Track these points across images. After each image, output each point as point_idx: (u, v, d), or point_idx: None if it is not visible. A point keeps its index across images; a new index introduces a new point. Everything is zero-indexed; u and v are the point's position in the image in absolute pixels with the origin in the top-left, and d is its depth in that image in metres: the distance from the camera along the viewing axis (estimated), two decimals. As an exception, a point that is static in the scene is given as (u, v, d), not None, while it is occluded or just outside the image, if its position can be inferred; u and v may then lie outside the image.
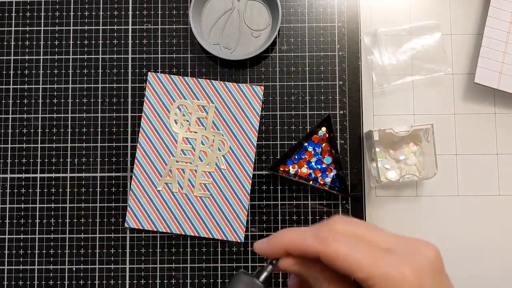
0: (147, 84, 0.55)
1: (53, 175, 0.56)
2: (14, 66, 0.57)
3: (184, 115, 0.55)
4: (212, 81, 0.55)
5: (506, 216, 0.57)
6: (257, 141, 0.56)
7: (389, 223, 0.57)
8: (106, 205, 0.55)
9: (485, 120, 0.58)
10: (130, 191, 0.55)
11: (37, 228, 0.55)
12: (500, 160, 0.57)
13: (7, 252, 0.55)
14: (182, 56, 0.57)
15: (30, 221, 0.55)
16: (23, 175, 0.56)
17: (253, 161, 0.55)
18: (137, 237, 0.55)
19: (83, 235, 0.55)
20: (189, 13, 0.54)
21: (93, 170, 0.56)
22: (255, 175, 0.55)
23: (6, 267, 0.54)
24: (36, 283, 0.54)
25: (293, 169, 0.55)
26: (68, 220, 0.55)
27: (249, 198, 0.55)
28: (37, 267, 0.55)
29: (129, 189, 0.55)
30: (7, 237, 0.55)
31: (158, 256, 0.55)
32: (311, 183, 0.54)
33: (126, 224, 0.54)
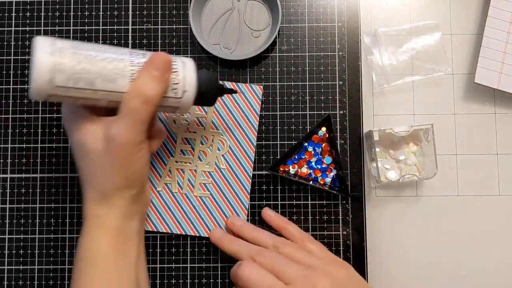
0: None
1: (53, 175, 0.56)
2: (14, 66, 0.57)
3: (183, 115, 0.55)
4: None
5: (506, 216, 0.57)
6: (257, 141, 0.56)
7: (389, 223, 0.57)
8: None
9: (485, 120, 0.58)
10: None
11: (37, 228, 0.55)
12: (500, 160, 0.57)
13: (7, 252, 0.55)
14: (182, 56, 0.56)
15: (30, 221, 0.55)
16: (23, 175, 0.56)
17: (253, 161, 0.55)
18: (137, 237, 0.55)
19: (83, 235, 0.55)
20: (189, 13, 0.54)
21: (93, 170, 0.55)
22: (255, 175, 0.55)
23: (6, 267, 0.54)
24: (36, 283, 0.54)
25: (293, 169, 0.55)
26: (68, 220, 0.55)
27: (249, 197, 0.55)
28: (37, 267, 0.55)
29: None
30: (7, 237, 0.55)
31: (158, 256, 0.55)
32: (311, 183, 0.54)
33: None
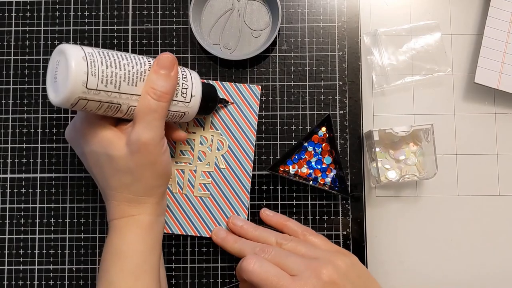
0: None
1: (53, 175, 0.56)
2: (14, 66, 0.57)
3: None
4: (209, 81, 0.55)
5: (506, 216, 0.57)
6: (257, 141, 0.56)
7: (389, 223, 0.57)
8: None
9: (485, 120, 0.58)
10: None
11: (37, 228, 0.55)
12: (500, 160, 0.57)
13: (7, 252, 0.55)
14: (182, 56, 0.57)
15: (30, 221, 0.55)
16: (23, 175, 0.56)
17: (253, 160, 0.55)
18: (137, 237, 0.55)
19: (83, 235, 0.55)
20: (189, 13, 0.54)
21: (93, 170, 0.55)
22: (255, 175, 0.55)
23: (6, 267, 0.54)
24: (36, 283, 0.54)
25: (293, 169, 0.55)
26: (68, 220, 0.55)
27: (250, 197, 0.55)
28: (37, 267, 0.55)
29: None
30: (7, 237, 0.55)
31: (158, 256, 0.54)
32: (311, 183, 0.54)
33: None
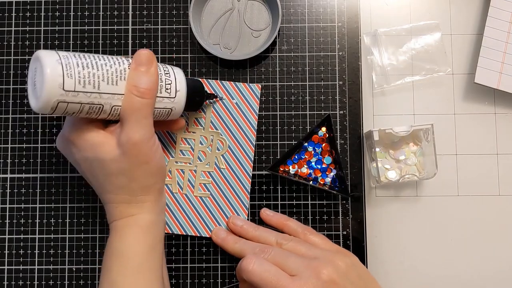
0: None
1: (53, 175, 0.56)
2: (14, 66, 0.57)
3: (181, 115, 0.55)
4: (208, 80, 0.55)
5: (506, 216, 0.57)
6: (257, 141, 0.56)
7: (389, 223, 0.57)
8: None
9: (485, 120, 0.58)
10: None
11: (37, 228, 0.55)
12: (500, 160, 0.57)
13: (7, 252, 0.55)
14: (182, 56, 0.57)
15: (30, 221, 0.55)
16: (23, 175, 0.56)
17: (253, 160, 0.55)
18: (137, 237, 0.55)
19: (83, 235, 0.55)
20: (189, 13, 0.54)
21: (93, 170, 0.55)
22: (255, 175, 0.55)
23: (6, 267, 0.54)
24: (36, 283, 0.54)
25: (293, 169, 0.55)
26: (68, 220, 0.55)
27: (249, 197, 0.55)
28: (37, 267, 0.55)
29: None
30: (7, 237, 0.55)
31: (158, 256, 0.54)
32: (311, 183, 0.54)
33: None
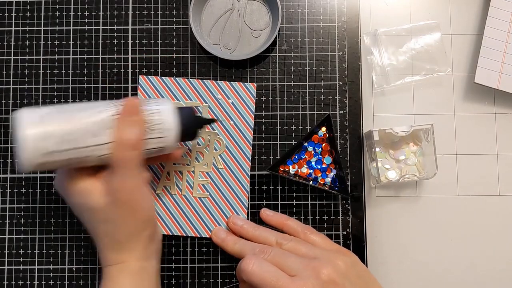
0: (139, 87, 0.55)
1: (53, 175, 0.56)
2: (14, 66, 0.57)
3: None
4: (204, 80, 0.55)
5: (506, 216, 0.57)
6: (257, 141, 0.56)
7: (389, 223, 0.57)
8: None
9: (485, 120, 0.58)
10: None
11: (37, 228, 0.55)
12: (500, 160, 0.57)
13: (7, 252, 0.55)
14: (182, 56, 0.57)
15: (30, 221, 0.55)
16: (23, 175, 0.56)
17: (250, 159, 0.55)
18: (137, 237, 0.55)
19: (83, 235, 0.55)
20: (189, 13, 0.54)
21: (93, 170, 0.55)
22: (255, 175, 0.55)
23: (6, 267, 0.54)
24: (36, 283, 0.54)
25: (293, 169, 0.55)
26: (68, 220, 0.55)
27: (249, 196, 0.55)
28: (37, 267, 0.55)
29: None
30: (7, 237, 0.55)
31: (158, 256, 0.55)
32: (311, 183, 0.54)
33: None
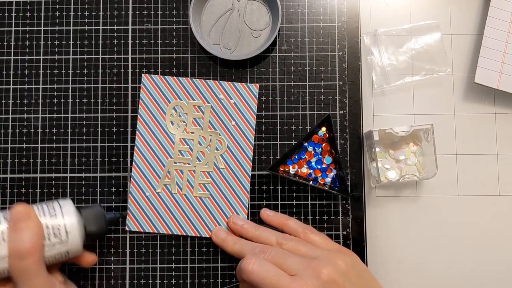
0: (142, 86, 0.55)
1: (53, 175, 0.56)
2: (14, 66, 0.57)
3: (180, 116, 0.55)
4: (206, 80, 0.55)
5: (506, 216, 0.57)
6: (257, 141, 0.56)
7: (389, 223, 0.57)
8: (106, 205, 0.55)
9: (485, 120, 0.58)
10: (129, 194, 0.55)
11: (37, 228, 0.55)
12: (500, 160, 0.57)
13: (7, 252, 0.55)
14: (182, 56, 0.57)
15: (30, 221, 0.55)
16: (23, 175, 0.56)
17: (252, 160, 0.55)
18: (137, 237, 0.55)
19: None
20: (189, 13, 0.54)
21: (93, 170, 0.55)
22: (255, 175, 0.55)
23: (6, 267, 0.54)
24: (36, 283, 0.54)
25: (293, 169, 0.55)
26: (68, 220, 0.55)
27: (249, 197, 0.55)
28: (37, 267, 0.54)
29: (128, 192, 0.55)
30: (7, 237, 0.55)
31: (158, 256, 0.55)
32: (311, 183, 0.54)
33: (126, 227, 0.54)
